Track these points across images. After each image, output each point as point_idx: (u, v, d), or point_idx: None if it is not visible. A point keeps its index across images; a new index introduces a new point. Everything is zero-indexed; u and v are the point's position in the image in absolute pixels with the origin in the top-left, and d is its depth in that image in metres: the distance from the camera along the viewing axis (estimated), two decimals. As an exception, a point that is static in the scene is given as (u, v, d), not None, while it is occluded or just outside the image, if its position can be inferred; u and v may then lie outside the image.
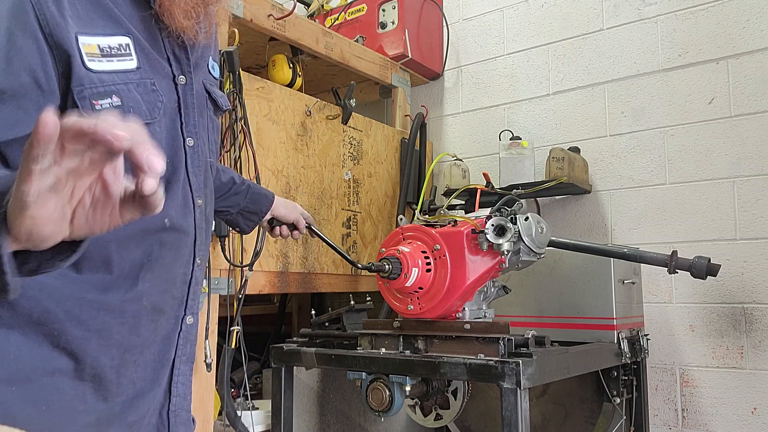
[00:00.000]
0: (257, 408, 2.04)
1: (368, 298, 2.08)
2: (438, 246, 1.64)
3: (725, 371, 2.13)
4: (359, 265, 1.66)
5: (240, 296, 1.80)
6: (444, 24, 2.87)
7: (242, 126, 1.83)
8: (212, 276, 1.76)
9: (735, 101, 2.18)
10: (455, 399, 1.80)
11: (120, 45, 0.90)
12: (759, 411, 2.07)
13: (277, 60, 2.16)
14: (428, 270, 1.64)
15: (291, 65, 2.17)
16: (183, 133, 1.01)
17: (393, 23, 2.65)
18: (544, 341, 1.62)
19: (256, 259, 1.83)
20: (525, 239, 1.61)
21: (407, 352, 1.68)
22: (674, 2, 2.33)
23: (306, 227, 1.64)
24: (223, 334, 1.82)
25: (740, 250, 2.13)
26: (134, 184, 0.60)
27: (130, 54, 0.91)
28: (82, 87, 0.85)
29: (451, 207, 2.35)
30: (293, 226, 1.62)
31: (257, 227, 1.60)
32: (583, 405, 2.02)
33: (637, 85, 2.38)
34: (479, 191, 2.11)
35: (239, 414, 1.88)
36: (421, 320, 1.69)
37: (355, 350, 1.77)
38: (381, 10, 2.69)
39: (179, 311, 1.03)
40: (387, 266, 1.61)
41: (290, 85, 2.15)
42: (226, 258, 1.78)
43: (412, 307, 1.67)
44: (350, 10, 2.76)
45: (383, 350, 1.72)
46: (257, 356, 2.64)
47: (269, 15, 2.04)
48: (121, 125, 0.57)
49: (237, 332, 1.77)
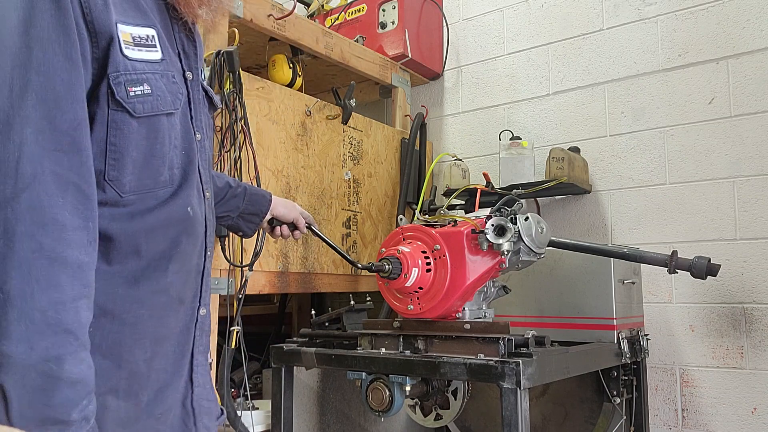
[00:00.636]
0: (257, 408, 2.04)
1: (368, 298, 2.08)
2: (438, 246, 1.64)
3: (725, 371, 2.13)
4: (359, 265, 1.66)
5: (240, 296, 1.80)
6: (444, 24, 2.87)
7: (242, 126, 1.83)
8: (212, 276, 1.76)
9: (735, 101, 2.18)
10: (455, 399, 1.80)
11: (147, 36, 0.93)
12: (759, 411, 2.07)
13: (277, 60, 2.16)
14: (428, 270, 1.64)
15: (291, 65, 2.16)
16: (193, 127, 1.03)
17: (393, 23, 2.65)
18: (544, 341, 1.62)
19: (256, 259, 1.83)
20: (525, 239, 1.61)
21: (407, 352, 1.68)
22: (674, 2, 2.33)
23: (306, 227, 1.64)
24: (223, 334, 1.82)
25: (740, 250, 2.13)
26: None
27: (156, 46, 0.94)
28: (119, 73, 0.87)
29: (451, 207, 2.35)
30: (293, 226, 1.62)
31: (258, 229, 1.60)
32: (583, 405, 2.02)
33: (637, 85, 2.38)
34: (479, 191, 2.11)
35: (239, 414, 1.88)
36: (421, 320, 1.69)
37: (355, 350, 1.77)
38: (381, 10, 2.69)
39: (194, 302, 1.04)
40: (387, 266, 1.61)
41: (290, 85, 2.15)
42: (226, 258, 1.78)
43: (412, 307, 1.67)
44: (350, 10, 2.76)
45: (383, 350, 1.72)
46: (257, 356, 2.63)
47: (269, 15, 2.04)
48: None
49: (237, 332, 1.77)
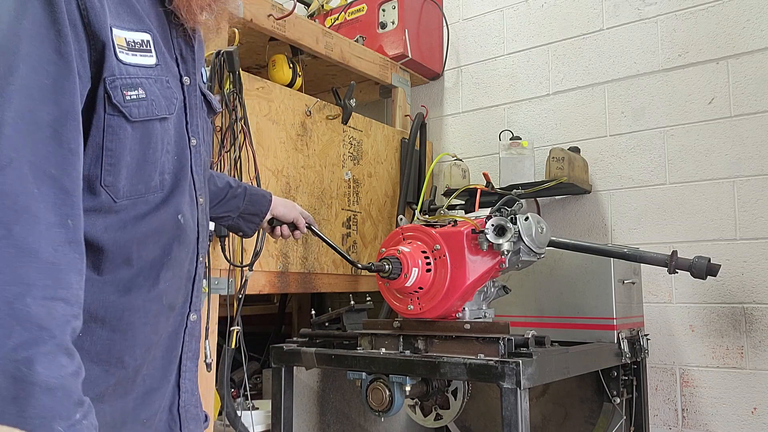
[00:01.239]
0: (257, 408, 2.04)
1: (368, 298, 2.08)
2: (438, 246, 1.64)
3: (725, 371, 2.13)
4: (359, 265, 1.66)
5: (240, 296, 1.80)
6: (444, 24, 2.87)
7: (242, 126, 1.83)
8: (212, 276, 1.76)
9: (735, 101, 2.18)
10: (455, 399, 1.80)
11: (142, 41, 0.92)
12: (759, 411, 2.07)
13: (277, 60, 2.16)
14: (428, 270, 1.64)
15: (291, 65, 2.16)
16: (188, 133, 1.03)
17: (393, 23, 2.65)
18: (544, 341, 1.62)
19: (256, 259, 1.83)
20: (525, 239, 1.61)
21: (407, 352, 1.68)
22: (674, 2, 2.33)
23: (306, 227, 1.64)
24: (223, 334, 1.82)
25: (740, 250, 2.13)
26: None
27: (150, 51, 0.93)
28: (114, 77, 0.87)
29: (451, 207, 2.35)
30: (294, 226, 1.62)
31: (258, 229, 1.60)
32: (583, 405, 2.02)
33: (637, 85, 2.38)
34: (479, 191, 2.11)
35: (239, 414, 1.88)
36: (421, 320, 1.69)
37: (355, 350, 1.77)
38: (381, 10, 2.69)
39: (184, 308, 1.04)
40: (387, 266, 1.61)
41: (290, 85, 2.15)
42: (226, 258, 1.78)
43: (412, 307, 1.67)
44: (350, 10, 2.76)
45: (383, 350, 1.72)
46: (257, 356, 2.64)
47: (269, 15, 2.04)
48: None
49: (237, 332, 1.77)
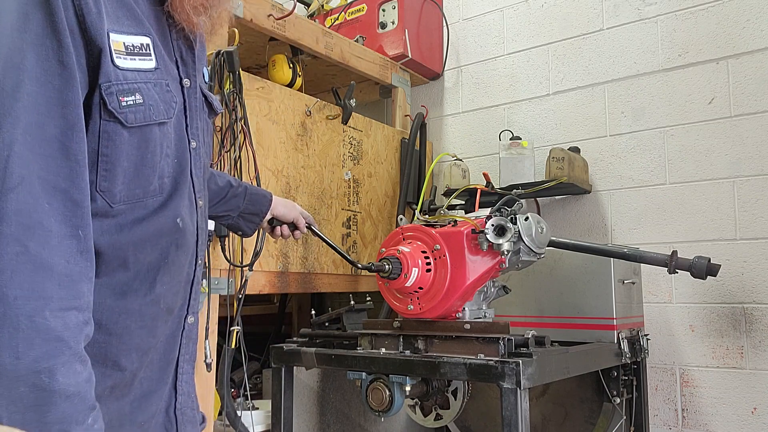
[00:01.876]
0: (257, 408, 2.04)
1: (368, 298, 2.08)
2: (438, 246, 1.64)
3: (725, 371, 2.13)
4: (359, 265, 1.66)
5: (240, 296, 1.80)
6: (444, 24, 2.87)
7: (242, 126, 1.83)
8: (212, 276, 1.76)
9: (735, 101, 2.18)
10: (455, 399, 1.80)
11: (141, 44, 0.92)
12: (759, 411, 2.07)
13: (277, 60, 2.16)
14: (428, 270, 1.64)
15: (291, 65, 2.16)
16: (188, 135, 1.02)
17: (393, 23, 2.65)
18: (544, 341, 1.62)
19: (256, 259, 1.83)
20: (525, 239, 1.61)
21: (407, 352, 1.68)
22: (674, 2, 2.33)
23: (306, 227, 1.64)
24: (223, 334, 1.82)
25: (740, 250, 2.13)
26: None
27: (150, 54, 0.93)
28: (110, 83, 0.86)
29: (451, 207, 2.35)
30: (294, 226, 1.62)
31: (258, 229, 1.60)
32: (583, 405, 2.02)
33: (637, 85, 2.38)
34: (479, 191, 2.11)
35: (239, 414, 1.88)
36: (421, 320, 1.69)
37: (355, 350, 1.77)
38: (381, 10, 2.68)
39: (182, 311, 1.04)
40: (387, 266, 1.61)
41: (290, 85, 2.15)
42: (226, 258, 1.78)
43: (412, 307, 1.67)
44: (350, 10, 2.76)
45: (383, 350, 1.72)
46: (257, 356, 2.64)
47: (269, 15, 2.04)
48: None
49: (237, 332, 1.77)
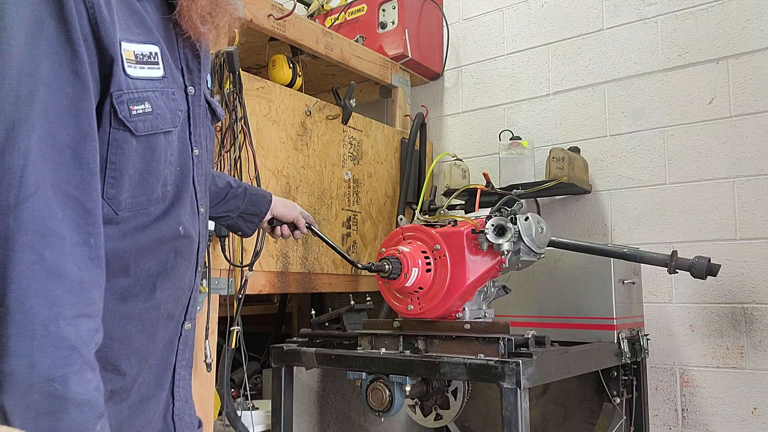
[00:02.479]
0: (257, 408, 2.04)
1: (368, 298, 2.08)
2: (438, 246, 1.64)
3: (725, 371, 2.13)
4: (359, 265, 1.66)
5: (240, 296, 1.80)
6: (444, 24, 2.87)
7: (242, 126, 1.83)
8: (212, 276, 1.76)
9: (735, 101, 2.18)
10: (455, 399, 1.80)
11: (150, 53, 0.92)
12: (759, 411, 2.07)
13: (277, 60, 2.16)
14: (428, 270, 1.64)
15: (291, 65, 2.16)
16: (191, 143, 1.03)
17: (393, 23, 2.65)
18: (544, 341, 1.62)
19: (256, 259, 1.83)
20: (525, 239, 1.61)
21: (407, 352, 1.68)
22: (674, 2, 2.33)
23: (306, 227, 1.64)
24: (223, 334, 1.82)
25: (740, 250, 2.13)
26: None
27: (158, 63, 0.93)
28: (121, 92, 0.86)
29: (451, 207, 2.35)
30: (294, 226, 1.62)
31: (257, 229, 1.60)
32: (583, 405, 2.02)
33: (637, 85, 2.38)
34: (479, 191, 2.11)
35: (239, 414, 1.88)
36: (421, 320, 1.69)
37: (355, 350, 1.77)
38: (381, 10, 2.68)
39: (180, 317, 1.04)
40: (387, 266, 1.61)
41: (290, 85, 2.15)
42: (226, 258, 1.78)
43: (412, 307, 1.67)
44: (350, 10, 2.76)
45: (383, 350, 1.72)
46: (257, 356, 2.63)
47: (269, 15, 2.04)
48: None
49: (237, 332, 1.77)
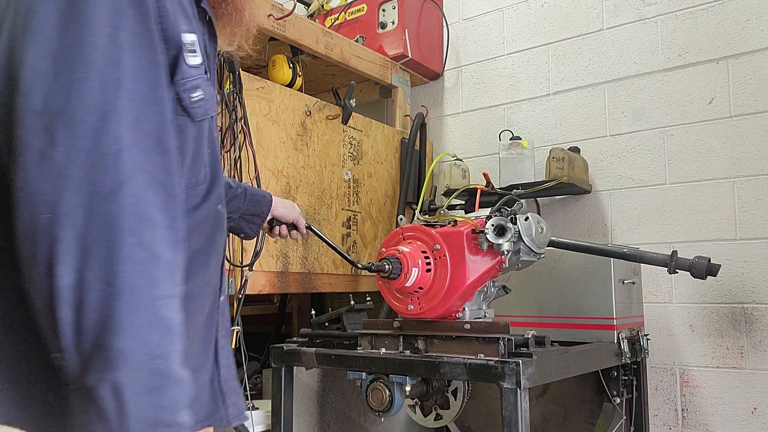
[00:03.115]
0: (257, 408, 2.04)
1: (368, 298, 2.08)
2: (438, 246, 1.64)
3: (725, 371, 2.13)
4: (359, 265, 1.66)
5: (240, 296, 1.80)
6: (444, 24, 2.87)
7: (242, 126, 1.83)
8: (212, 276, 1.76)
9: (735, 101, 2.18)
10: (455, 399, 1.80)
11: (192, 41, 0.94)
12: (759, 411, 2.07)
13: (277, 60, 2.16)
14: (428, 270, 1.64)
15: (291, 65, 2.16)
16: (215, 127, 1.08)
17: (393, 23, 2.65)
18: (544, 341, 1.62)
19: (256, 259, 1.83)
20: (525, 239, 1.61)
21: (407, 352, 1.68)
22: (674, 2, 2.33)
23: (306, 227, 1.64)
24: (223, 334, 1.82)
25: (740, 250, 2.13)
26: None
27: (197, 51, 0.95)
28: (184, 80, 0.89)
29: (451, 207, 2.35)
30: (293, 226, 1.62)
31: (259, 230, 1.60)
32: (583, 405, 2.02)
33: (637, 85, 2.38)
34: (479, 191, 2.11)
35: (239, 414, 1.87)
36: (421, 320, 1.69)
37: (355, 350, 1.77)
38: (381, 10, 2.69)
39: (216, 291, 1.09)
40: (387, 266, 1.61)
41: (290, 85, 2.15)
42: (226, 258, 1.77)
43: (412, 307, 1.67)
44: (350, 10, 2.76)
45: (383, 350, 1.72)
46: (257, 356, 2.63)
47: (269, 15, 2.04)
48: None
49: (237, 332, 1.77)
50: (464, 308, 1.70)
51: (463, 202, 2.39)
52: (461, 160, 2.59)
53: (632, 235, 2.33)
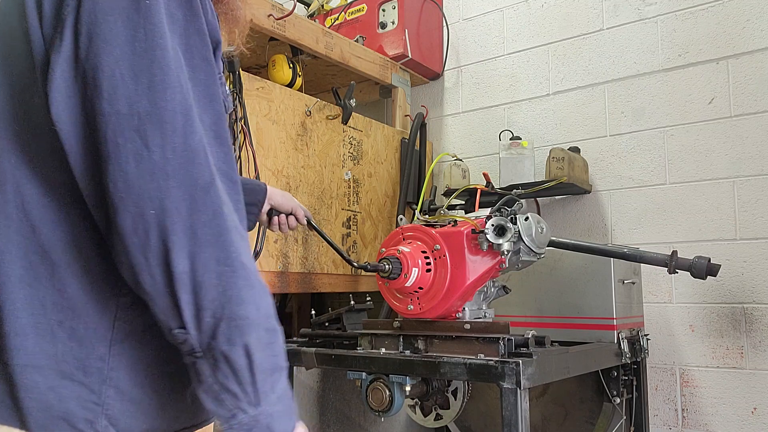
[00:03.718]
0: (257, 408, 2.04)
1: (368, 298, 2.08)
2: (438, 246, 1.64)
3: (725, 371, 2.13)
4: (355, 264, 1.66)
5: (240, 296, 1.80)
6: (444, 24, 2.87)
7: (242, 126, 1.83)
8: (212, 276, 1.76)
9: (735, 101, 2.18)
10: (455, 399, 1.80)
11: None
12: (759, 411, 2.07)
13: (277, 60, 2.16)
14: (428, 270, 1.64)
15: (291, 65, 2.16)
16: None
17: (393, 23, 2.65)
18: (544, 341, 1.62)
19: (256, 259, 1.82)
20: (525, 239, 1.61)
21: (407, 352, 1.68)
22: (674, 2, 2.33)
23: (307, 221, 1.64)
24: (223, 334, 1.82)
25: (740, 250, 2.13)
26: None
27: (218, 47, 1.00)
28: (220, 74, 0.94)
29: (451, 207, 2.35)
30: (293, 220, 1.62)
31: (257, 222, 1.60)
32: (583, 405, 2.02)
33: (637, 85, 2.38)
34: (479, 191, 2.11)
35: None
36: (421, 320, 1.69)
37: (355, 350, 1.77)
38: (381, 10, 2.68)
39: None
40: (387, 266, 1.61)
41: (290, 85, 2.15)
42: (226, 258, 1.78)
43: (412, 307, 1.67)
44: (350, 10, 2.76)
45: (383, 350, 1.72)
46: (257, 356, 2.63)
47: (269, 15, 2.04)
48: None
49: (237, 332, 1.77)
50: (464, 308, 1.70)
51: (463, 202, 2.39)
52: (461, 160, 2.59)
53: (632, 235, 2.33)
